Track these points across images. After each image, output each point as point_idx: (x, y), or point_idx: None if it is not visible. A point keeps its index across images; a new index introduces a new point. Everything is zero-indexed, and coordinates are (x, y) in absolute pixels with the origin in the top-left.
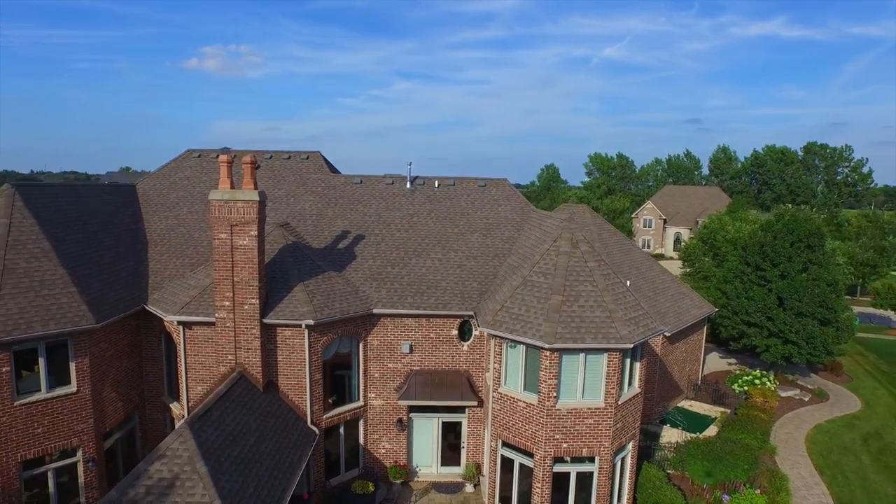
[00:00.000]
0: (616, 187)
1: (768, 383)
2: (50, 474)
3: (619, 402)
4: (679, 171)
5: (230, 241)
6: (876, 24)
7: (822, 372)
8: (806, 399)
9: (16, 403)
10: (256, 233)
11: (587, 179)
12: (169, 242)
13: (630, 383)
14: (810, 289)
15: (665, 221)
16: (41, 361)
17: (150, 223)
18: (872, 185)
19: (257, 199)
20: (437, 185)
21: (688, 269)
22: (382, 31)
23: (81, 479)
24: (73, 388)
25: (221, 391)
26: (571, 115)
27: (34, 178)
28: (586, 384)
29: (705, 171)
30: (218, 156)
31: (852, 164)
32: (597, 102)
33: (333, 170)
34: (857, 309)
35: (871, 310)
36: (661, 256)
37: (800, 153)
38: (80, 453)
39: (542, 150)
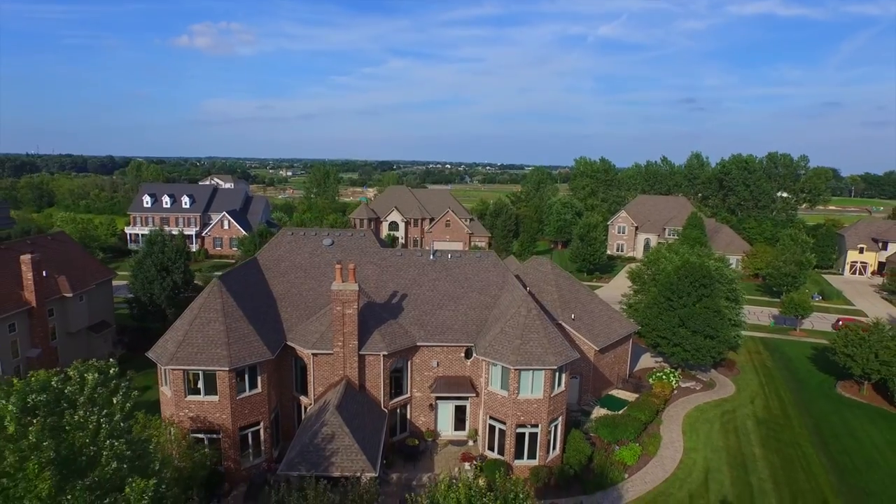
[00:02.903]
0: (599, 189)
1: (672, 378)
2: (249, 434)
3: (552, 396)
4: (656, 176)
5: (342, 311)
6: (873, 3)
7: (721, 368)
8: (698, 388)
9: (237, 398)
10: (356, 306)
11: (577, 161)
12: (288, 300)
13: (559, 385)
14: (701, 315)
15: (637, 228)
16: (246, 376)
17: (272, 286)
18: (826, 191)
19: (356, 288)
20: (449, 257)
21: (635, 287)
22: (376, 7)
23: (262, 437)
24: (259, 389)
25: (341, 391)
26: (565, 93)
27: (30, 161)
28: (533, 386)
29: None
30: (316, 233)
31: (808, 172)
32: (591, 81)
33: (381, 242)
34: (776, 311)
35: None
36: (632, 259)
37: (764, 162)
38: (262, 423)
39: (536, 129)
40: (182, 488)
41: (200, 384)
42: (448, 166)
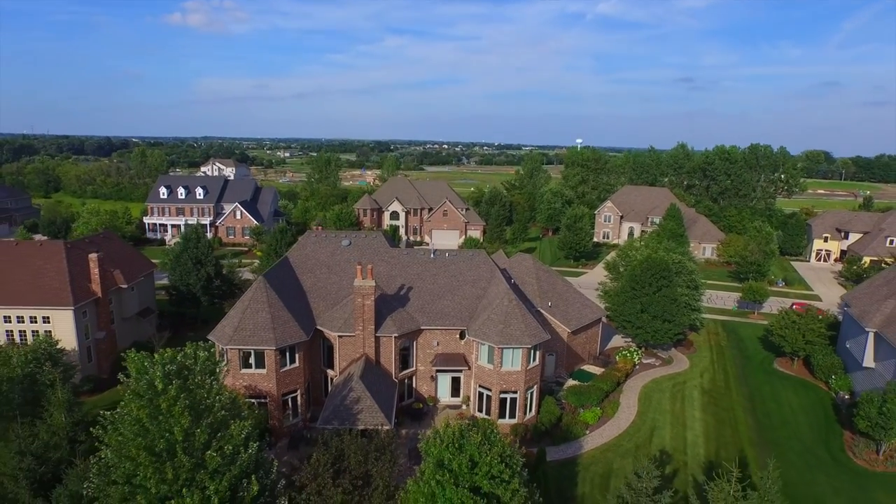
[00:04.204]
0: (589, 178)
1: (635, 355)
2: (289, 399)
3: (528, 368)
4: (642, 166)
5: (362, 302)
6: None
7: (680, 346)
8: (657, 364)
9: (281, 370)
10: (373, 298)
11: (569, 151)
12: (316, 292)
13: (533, 360)
14: (660, 303)
15: (622, 217)
16: (287, 354)
17: (302, 280)
18: (803, 182)
19: (374, 284)
20: (447, 255)
21: (611, 276)
22: None
23: (299, 402)
24: (297, 364)
25: (363, 365)
26: (563, 72)
27: (29, 143)
28: (513, 360)
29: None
30: (336, 235)
31: (787, 163)
32: (590, 60)
33: (389, 241)
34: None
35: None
36: (617, 246)
37: (745, 153)
38: (298, 391)
39: (534, 109)
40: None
41: (252, 360)
42: (445, 146)
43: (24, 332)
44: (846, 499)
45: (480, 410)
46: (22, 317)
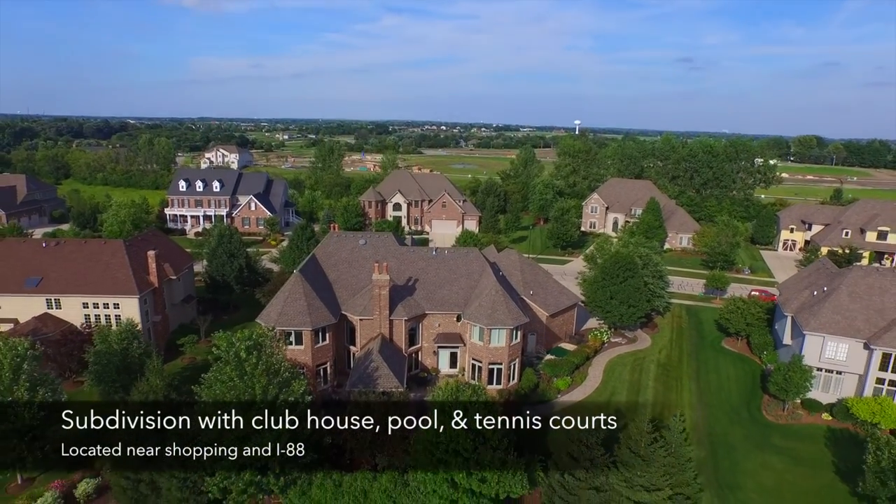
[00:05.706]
0: (580, 168)
1: (604, 335)
2: (321, 369)
3: (511, 345)
4: (630, 158)
5: (379, 292)
6: None
7: (646, 327)
8: (623, 342)
9: (315, 347)
10: (388, 289)
11: (561, 142)
12: (339, 284)
13: (515, 338)
14: (625, 291)
15: (607, 208)
16: (320, 333)
17: (328, 273)
18: (779, 174)
19: (388, 278)
20: (446, 252)
21: (589, 266)
22: None
23: (328, 372)
24: (327, 342)
25: (380, 342)
26: (563, 52)
27: (29, 126)
28: (499, 338)
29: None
30: (354, 235)
31: (764, 157)
32: (589, 39)
33: (398, 240)
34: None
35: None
36: (601, 236)
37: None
38: (328, 363)
39: (532, 89)
40: None
41: (292, 338)
42: (444, 127)
43: (98, 316)
44: (752, 443)
45: (473, 378)
46: (97, 303)
